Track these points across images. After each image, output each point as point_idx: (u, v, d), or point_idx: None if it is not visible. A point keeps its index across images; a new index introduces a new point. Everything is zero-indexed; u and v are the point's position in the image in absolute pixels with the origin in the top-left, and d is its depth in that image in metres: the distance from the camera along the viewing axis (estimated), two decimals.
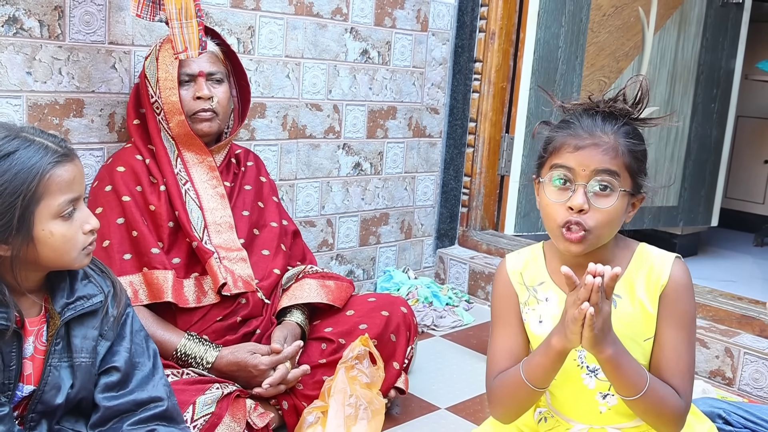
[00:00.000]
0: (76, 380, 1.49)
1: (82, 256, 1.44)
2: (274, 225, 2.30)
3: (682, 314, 1.49)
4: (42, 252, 1.39)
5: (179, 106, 2.09)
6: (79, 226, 1.42)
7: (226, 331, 2.07)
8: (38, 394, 1.46)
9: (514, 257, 1.62)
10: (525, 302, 1.57)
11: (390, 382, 2.14)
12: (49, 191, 1.36)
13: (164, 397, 1.55)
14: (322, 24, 2.82)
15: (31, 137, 1.38)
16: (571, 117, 1.48)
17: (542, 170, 1.49)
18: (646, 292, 1.49)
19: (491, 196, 3.53)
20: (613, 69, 3.65)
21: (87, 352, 1.50)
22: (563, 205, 1.42)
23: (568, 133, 1.44)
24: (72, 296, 1.49)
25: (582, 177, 1.41)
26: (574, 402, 1.57)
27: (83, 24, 2.20)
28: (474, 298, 3.34)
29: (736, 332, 2.65)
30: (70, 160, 1.40)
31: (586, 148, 1.41)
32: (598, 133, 1.42)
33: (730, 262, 4.36)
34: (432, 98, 3.31)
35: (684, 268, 1.50)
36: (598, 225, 1.42)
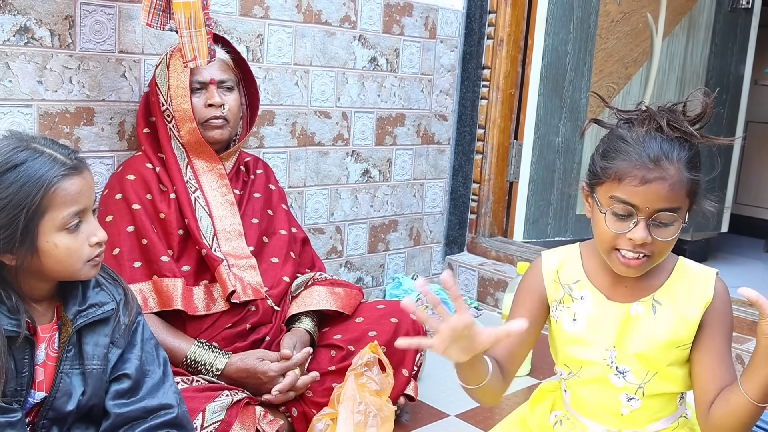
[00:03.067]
0: (87, 387, 1.49)
1: (88, 267, 1.45)
2: (284, 233, 2.30)
3: (727, 326, 1.51)
4: (46, 263, 1.40)
5: (191, 114, 2.11)
6: (85, 238, 1.42)
7: (236, 338, 2.08)
8: (49, 401, 1.47)
9: (551, 255, 1.62)
10: (560, 300, 1.58)
11: (399, 389, 2.14)
12: (53, 204, 1.37)
13: (174, 404, 1.55)
14: (331, 32, 2.83)
15: (41, 148, 1.39)
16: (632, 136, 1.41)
17: (598, 190, 1.45)
18: (689, 304, 1.49)
19: (500, 202, 3.53)
20: (622, 75, 3.65)
21: (98, 359, 1.51)
22: (623, 235, 1.41)
23: (632, 163, 1.38)
24: (84, 304, 1.50)
25: (645, 212, 1.38)
26: (596, 402, 1.57)
27: (93, 33, 2.22)
28: (483, 305, 3.33)
29: (747, 338, 2.64)
30: (78, 172, 1.40)
31: (652, 182, 1.36)
32: (663, 162, 1.37)
33: (741, 268, 4.34)
34: (440, 105, 3.31)
35: (725, 285, 1.52)
36: (658, 252, 1.42)
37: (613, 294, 1.54)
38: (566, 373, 1.61)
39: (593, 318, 1.54)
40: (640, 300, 1.51)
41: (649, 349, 1.50)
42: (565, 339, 1.57)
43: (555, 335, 1.61)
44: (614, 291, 1.54)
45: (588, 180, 1.49)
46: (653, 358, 1.50)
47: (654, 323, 1.50)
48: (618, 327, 1.52)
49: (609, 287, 1.54)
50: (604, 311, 1.53)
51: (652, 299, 1.51)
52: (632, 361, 1.51)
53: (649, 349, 1.50)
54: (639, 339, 1.51)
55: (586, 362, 1.55)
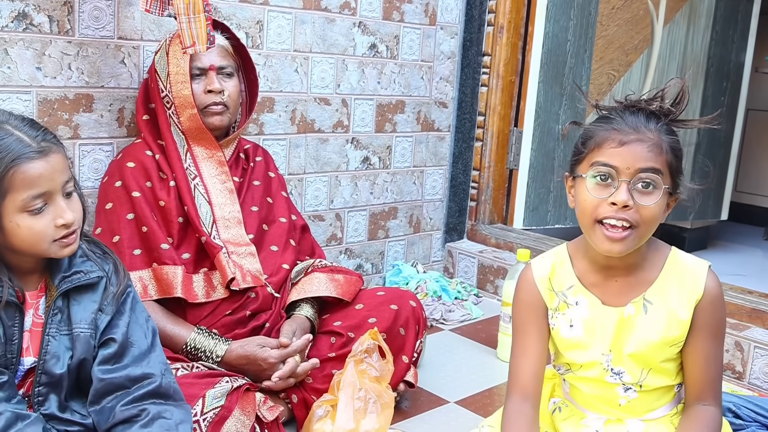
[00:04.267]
0: (75, 350, 1.51)
1: (56, 247, 1.45)
2: (283, 220, 2.30)
3: (717, 324, 1.51)
4: (13, 241, 1.42)
5: (191, 100, 2.10)
6: (50, 220, 1.43)
7: (236, 325, 2.08)
8: (40, 365, 1.48)
9: (540, 264, 1.60)
10: (555, 308, 1.57)
11: (399, 375, 2.15)
12: (13, 186, 1.38)
13: (157, 373, 1.56)
14: (331, 18, 2.82)
15: (11, 129, 1.40)
16: (612, 113, 1.46)
17: (579, 166, 1.47)
18: (679, 301, 1.49)
19: (500, 189, 3.52)
20: (622, 62, 3.64)
21: (86, 323, 1.52)
22: (605, 200, 1.41)
23: (612, 128, 1.42)
24: (69, 270, 1.53)
25: (626, 174, 1.39)
26: (594, 394, 1.58)
27: (92, 19, 2.21)
28: (483, 292, 3.33)
29: (747, 326, 2.64)
30: (42, 155, 1.40)
31: (630, 143, 1.39)
32: (642, 128, 1.41)
33: (740, 255, 4.35)
34: (440, 92, 3.31)
35: (717, 279, 1.51)
36: (643, 222, 1.41)
37: (606, 295, 1.53)
38: (564, 369, 1.61)
39: (589, 322, 1.54)
40: (631, 301, 1.51)
41: (643, 349, 1.50)
42: (563, 344, 1.58)
43: (553, 339, 1.61)
44: (607, 291, 1.54)
45: (570, 163, 1.51)
46: (647, 356, 1.51)
47: (646, 323, 1.50)
48: (613, 330, 1.52)
49: (601, 287, 1.54)
50: (599, 315, 1.53)
51: (642, 299, 1.51)
52: (627, 361, 1.52)
53: (643, 349, 1.50)
54: (632, 340, 1.51)
55: (585, 364, 1.56)
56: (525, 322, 1.59)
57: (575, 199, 1.50)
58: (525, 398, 1.55)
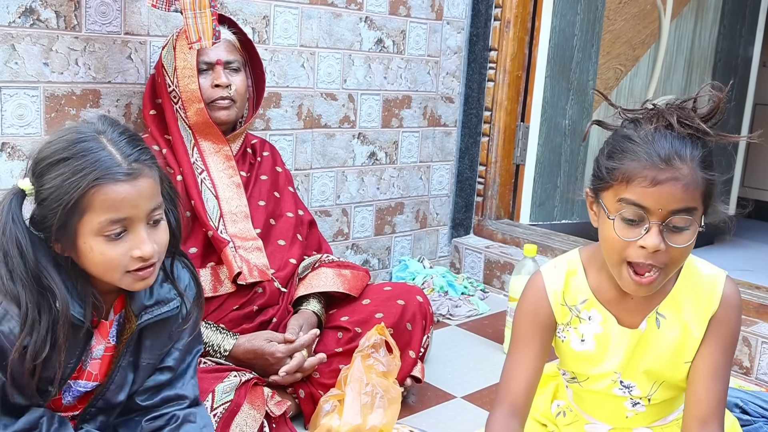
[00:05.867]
0: (138, 378, 1.48)
1: (129, 279, 1.34)
2: (290, 215, 2.30)
3: (730, 336, 1.43)
4: (85, 263, 1.33)
5: (198, 94, 2.10)
6: (127, 249, 1.31)
7: (243, 319, 2.08)
8: (102, 391, 1.45)
9: (553, 275, 1.49)
10: (567, 323, 1.49)
11: (406, 370, 2.15)
12: (92, 207, 1.27)
13: (190, 396, 1.54)
14: (337, 13, 2.82)
15: (105, 143, 1.30)
16: (640, 134, 1.30)
17: (604, 194, 1.34)
18: (693, 315, 1.42)
19: (506, 185, 3.52)
20: (629, 57, 3.63)
21: (154, 353, 1.48)
22: (634, 243, 1.30)
23: (642, 163, 1.27)
24: (151, 299, 1.44)
25: (657, 216, 1.27)
26: (600, 405, 1.55)
27: (99, 14, 2.21)
28: (489, 288, 3.33)
29: (754, 321, 2.64)
30: (130, 179, 1.29)
31: (664, 183, 1.25)
32: (675, 161, 1.26)
33: (748, 251, 4.33)
34: (447, 87, 3.30)
35: (734, 289, 1.43)
36: (672, 263, 1.31)
37: (622, 313, 1.46)
38: (570, 376, 1.56)
39: (602, 338, 1.47)
40: (646, 317, 1.45)
41: (655, 366, 1.46)
42: (572, 356, 1.52)
43: (560, 349, 1.54)
44: (623, 309, 1.45)
45: (593, 185, 1.38)
46: (659, 372, 1.46)
47: (659, 339, 1.44)
48: (627, 349, 1.46)
49: (618, 305, 1.46)
50: (614, 334, 1.46)
51: (656, 313, 1.44)
52: (638, 376, 1.47)
53: (655, 366, 1.46)
54: (645, 357, 1.46)
55: (593, 376, 1.51)
56: (527, 334, 1.50)
57: (599, 229, 1.38)
58: (513, 412, 1.46)
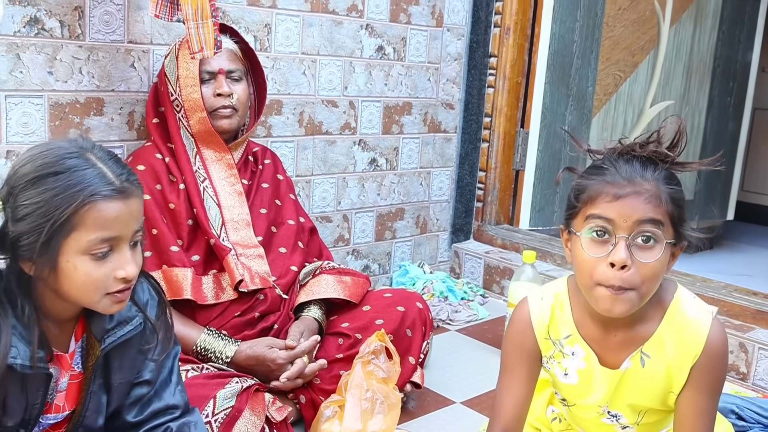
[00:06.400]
0: (112, 399, 1.46)
1: (108, 301, 1.30)
2: (292, 222, 2.33)
3: (715, 381, 1.42)
4: (63, 284, 1.27)
5: (201, 103, 2.12)
6: (111, 270, 1.27)
7: (245, 326, 2.10)
8: (80, 420, 1.43)
9: (539, 306, 1.51)
10: (550, 356, 1.51)
11: (406, 376, 2.17)
12: (83, 224, 1.23)
13: (180, 404, 1.53)
14: (338, 21, 2.84)
15: (94, 161, 1.27)
16: (605, 162, 1.36)
17: (574, 221, 1.37)
18: (675, 356, 1.41)
19: (506, 190, 3.54)
20: (629, 63, 3.65)
21: (125, 372, 1.45)
22: (603, 260, 1.31)
23: (605, 180, 1.32)
24: (112, 321, 1.40)
25: (623, 229, 1.29)
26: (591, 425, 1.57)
27: (103, 24, 2.23)
28: (489, 293, 3.35)
29: (751, 327, 2.66)
30: (122, 197, 1.26)
31: (626, 197, 1.29)
32: (638, 179, 1.30)
33: (747, 255, 4.35)
34: (447, 94, 3.32)
35: (719, 336, 1.39)
36: (644, 281, 1.31)
37: (604, 351, 1.46)
38: (560, 396, 1.59)
39: (585, 374, 1.48)
40: (630, 356, 1.44)
41: (640, 400, 1.47)
42: (558, 385, 1.55)
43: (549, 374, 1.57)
44: (606, 347, 1.46)
45: (565, 217, 1.41)
46: (644, 406, 1.48)
47: (643, 378, 1.44)
48: (609, 387, 1.47)
49: (600, 343, 1.46)
50: (596, 372, 1.47)
51: (640, 353, 1.43)
52: (624, 408, 1.49)
53: (640, 400, 1.47)
54: (630, 393, 1.47)
55: (580, 405, 1.53)
56: (514, 362, 1.53)
57: (572, 256, 1.39)
58: None
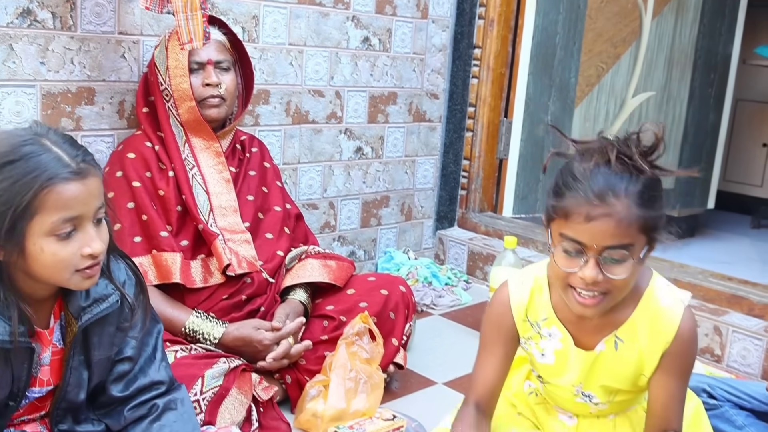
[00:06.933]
0: (94, 375, 1.50)
1: (79, 278, 1.35)
2: (278, 209, 2.39)
3: (684, 367, 1.49)
4: (32, 266, 1.32)
5: (190, 93, 2.18)
6: (77, 247, 1.32)
7: (232, 309, 2.17)
8: (62, 394, 1.47)
9: (519, 289, 1.56)
10: (528, 337, 1.58)
11: (389, 357, 2.24)
12: (44, 207, 1.27)
13: (165, 379, 1.58)
14: (325, 13, 2.90)
15: (49, 146, 1.31)
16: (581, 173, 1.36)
17: (551, 227, 1.41)
18: (648, 341, 1.47)
19: (490, 179, 3.61)
20: (611, 54, 3.71)
21: (105, 348, 1.50)
22: (575, 274, 1.37)
23: (578, 200, 1.34)
24: (88, 299, 1.45)
25: (594, 250, 1.34)
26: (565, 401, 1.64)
27: (94, 15, 2.29)
28: (472, 278, 3.43)
29: (726, 311, 2.74)
30: (80, 177, 1.31)
31: (597, 219, 1.32)
32: (610, 198, 1.32)
33: (727, 243, 4.42)
34: (432, 84, 3.39)
35: (690, 324, 1.47)
36: (615, 290, 1.38)
37: (580, 333, 1.52)
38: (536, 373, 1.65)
39: (561, 354, 1.55)
40: (604, 339, 1.50)
41: (613, 382, 1.53)
42: (535, 364, 1.62)
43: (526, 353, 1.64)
44: (581, 330, 1.52)
45: (545, 215, 1.45)
46: (617, 388, 1.54)
47: (616, 361, 1.50)
48: (583, 367, 1.53)
49: (576, 325, 1.52)
50: (571, 353, 1.54)
51: (614, 336, 1.50)
52: (597, 389, 1.55)
53: (613, 382, 1.53)
54: (603, 375, 1.53)
55: (555, 384, 1.60)
56: (492, 341, 1.59)
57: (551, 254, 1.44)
58: (479, 411, 1.56)
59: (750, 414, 2.01)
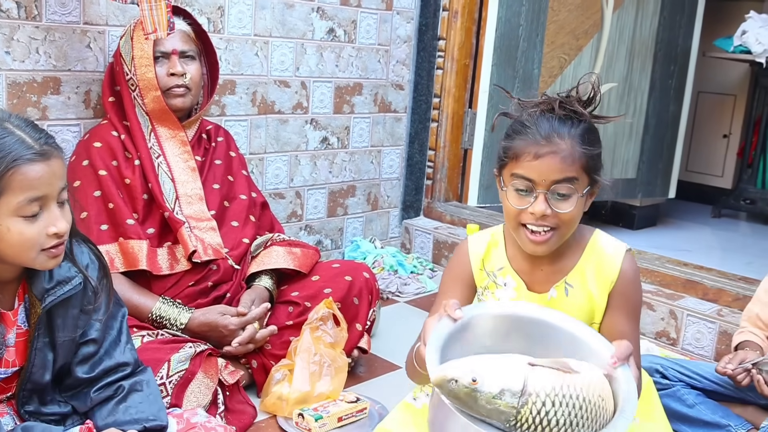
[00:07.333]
0: (58, 356, 1.53)
1: (44, 258, 1.40)
2: (243, 197, 2.42)
3: (631, 305, 1.61)
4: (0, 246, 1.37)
5: (155, 82, 2.20)
6: (43, 227, 1.37)
7: (198, 295, 2.20)
8: (27, 375, 1.50)
9: (477, 241, 1.69)
10: (484, 287, 1.67)
11: (353, 342, 2.28)
12: (10, 188, 1.32)
13: (130, 361, 1.61)
14: (290, 4, 2.93)
15: (12, 129, 1.35)
16: (528, 120, 1.51)
17: (503, 172, 1.54)
18: (596, 284, 1.59)
19: (455, 169, 3.67)
20: (573, 46, 3.77)
21: (69, 330, 1.53)
22: (525, 210, 1.50)
23: (527, 141, 1.48)
24: (51, 281, 1.48)
25: (542, 185, 1.47)
26: None
27: (59, 5, 2.30)
28: (438, 267, 3.48)
29: (681, 296, 2.82)
30: (44, 158, 1.35)
31: (544, 156, 1.46)
32: (555, 139, 1.47)
33: (688, 232, 4.50)
34: (397, 75, 3.43)
35: (632, 264, 1.60)
36: (563, 223, 1.51)
37: (532, 281, 1.64)
38: None
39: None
40: (554, 285, 1.61)
41: None
42: None
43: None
44: (533, 277, 1.63)
45: (497, 165, 1.58)
46: None
47: (568, 305, 1.60)
48: None
49: (528, 274, 1.64)
50: (524, 299, 1.62)
51: (564, 282, 1.61)
52: None
53: None
54: None
55: None
56: (450, 287, 1.70)
57: (502, 202, 1.57)
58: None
59: (700, 393, 2.09)
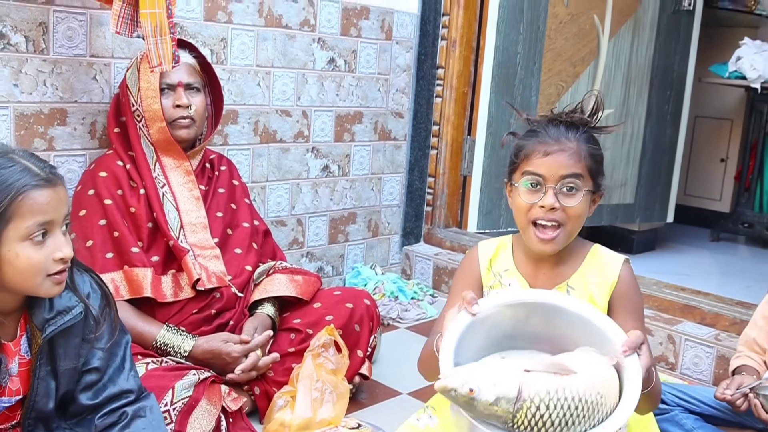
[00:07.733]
0: (61, 385, 1.55)
1: (50, 284, 1.43)
2: (246, 225, 2.45)
3: (633, 305, 1.71)
4: (6, 273, 1.38)
5: (161, 114, 2.25)
6: (49, 252, 1.40)
7: (202, 322, 2.23)
8: (31, 404, 1.52)
9: (487, 245, 1.82)
10: (490, 286, 1.76)
11: (354, 368, 2.31)
12: (19, 213, 1.35)
13: (134, 388, 1.63)
14: (291, 35, 2.99)
15: (17, 159, 1.40)
16: (538, 127, 1.67)
17: (514, 175, 1.69)
18: (596, 287, 1.69)
19: (454, 195, 3.71)
20: (570, 74, 3.82)
21: (70, 359, 1.55)
22: (535, 204, 1.63)
23: (537, 141, 1.64)
24: (51, 311, 1.50)
25: (551, 181, 1.61)
26: None
27: (66, 39, 2.35)
28: (438, 293, 3.51)
29: (679, 320, 2.84)
30: (50, 185, 1.40)
31: (553, 153, 1.61)
32: (563, 140, 1.63)
33: (687, 256, 4.52)
34: (397, 103, 3.48)
35: (631, 270, 1.72)
36: (569, 219, 1.63)
37: (535, 282, 1.74)
38: None
39: None
40: (556, 286, 1.71)
41: None
42: None
43: None
44: (536, 279, 1.74)
45: (507, 171, 1.73)
46: None
47: None
48: None
49: (532, 275, 1.75)
50: None
51: (566, 285, 1.71)
52: None
53: None
54: None
55: None
56: (461, 288, 1.74)
57: (512, 203, 1.71)
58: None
59: (699, 418, 2.10)
